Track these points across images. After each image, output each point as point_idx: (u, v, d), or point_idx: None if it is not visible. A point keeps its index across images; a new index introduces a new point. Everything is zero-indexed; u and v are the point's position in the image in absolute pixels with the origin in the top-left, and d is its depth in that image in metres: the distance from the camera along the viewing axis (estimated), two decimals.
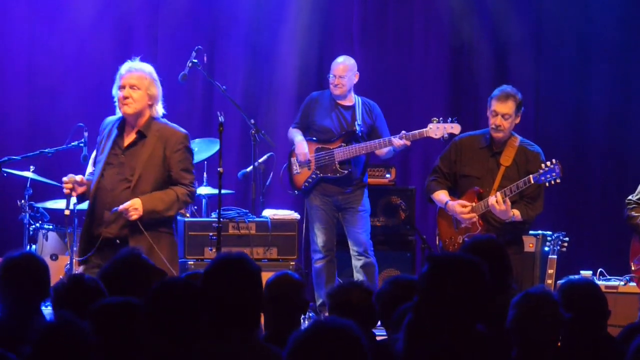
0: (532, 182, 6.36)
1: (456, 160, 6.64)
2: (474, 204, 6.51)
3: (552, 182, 6.40)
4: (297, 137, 7.74)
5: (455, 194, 6.70)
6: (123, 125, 5.90)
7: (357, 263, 7.67)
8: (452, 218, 6.61)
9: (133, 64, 5.93)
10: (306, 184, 7.69)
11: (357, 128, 7.64)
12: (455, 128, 7.21)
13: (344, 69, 7.69)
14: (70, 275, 4.11)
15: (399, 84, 8.93)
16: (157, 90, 5.94)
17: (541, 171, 6.38)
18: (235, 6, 9.07)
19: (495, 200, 6.35)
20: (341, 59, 7.77)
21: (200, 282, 3.50)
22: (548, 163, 6.40)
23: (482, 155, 6.60)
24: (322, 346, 2.68)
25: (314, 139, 7.74)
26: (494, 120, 6.51)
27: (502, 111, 6.50)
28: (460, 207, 6.52)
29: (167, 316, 3.30)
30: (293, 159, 7.77)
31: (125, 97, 5.85)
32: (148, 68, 5.95)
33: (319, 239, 7.66)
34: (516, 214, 6.45)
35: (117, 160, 5.80)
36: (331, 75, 7.71)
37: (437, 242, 6.78)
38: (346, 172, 7.62)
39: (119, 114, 5.96)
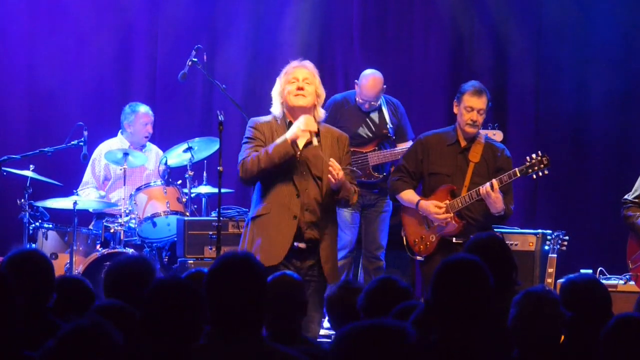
0: (519, 175, 6.33)
1: (423, 159, 6.52)
2: (447, 202, 6.43)
3: (540, 173, 6.37)
4: None
5: (422, 192, 6.61)
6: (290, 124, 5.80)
7: (368, 265, 7.65)
8: (422, 217, 6.49)
9: (303, 61, 5.92)
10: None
11: (389, 131, 7.62)
12: (498, 135, 7.15)
13: (380, 89, 7.64)
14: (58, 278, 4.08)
15: (399, 84, 8.91)
16: (323, 93, 5.90)
17: (527, 164, 6.36)
18: (235, 6, 9.08)
19: (491, 187, 6.27)
20: (375, 82, 7.65)
21: (204, 281, 3.50)
22: (534, 155, 6.38)
23: (451, 152, 6.51)
24: (373, 346, 2.66)
25: None
26: (470, 116, 6.43)
27: (478, 106, 6.44)
28: (435, 208, 6.38)
29: (164, 316, 3.30)
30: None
31: (300, 89, 5.78)
32: (314, 67, 5.93)
33: (346, 237, 7.61)
34: None
35: (294, 159, 5.72)
36: (367, 103, 7.63)
37: (405, 242, 6.62)
38: (381, 176, 7.60)
39: (276, 111, 5.86)
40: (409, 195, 6.53)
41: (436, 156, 6.50)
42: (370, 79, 7.64)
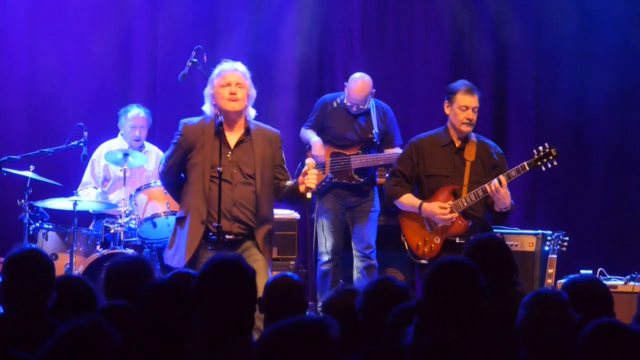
0: (528, 168, 6.34)
1: (419, 162, 6.51)
2: (451, 202, 6.42)
3: (549, 165, 6.38)
4: (314, 137, 7.71)
5: (420, 195, 6.58)
6: (221, 125, 6.05)
7: (359, 264, 7.67)
8: (424, 219, 6.48)
9: (234, 63, 6.16)
10: (319, 186, 7.69)
11: (374, 136, 7.63)
12: None
13: (368, 92, 7.64)
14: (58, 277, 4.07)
15: (399, 85, 8.92)
16: (254, 93, 6.16)
17: (536, 156, 6.37)
18: (235, 6, 9.07)
19: (500, 183, 6.25)
20: (363, 85, 7.65)
21: (194, 283, 3.49)
22: (541, 148, 6.39)
23: (446, 153, 6.51)
24: (291, 339, 2.71)
25: (331, 142, 7.73)
26: (466, 115, 6.44)
27: (472, 104, 6.47)
28: (440, 208, 6.38)
29: (157, 317, 3.29)
30: (308, 160, 7.77)
31: (232, 94, 6.05)
32: (245, 69, 6.17)
33: (328, 242, 7.65)
34: None
35: (225, 158, 5.99)
36: (355, 106, 7.64)
37: (407, 247, 6.61)
38: (362, 180, 7.62)
39: (207, 111, 6.13)
40: (409, 199, 6.52)
41: (432, 158, 6.50)
42: (358, 83, 7.64)
